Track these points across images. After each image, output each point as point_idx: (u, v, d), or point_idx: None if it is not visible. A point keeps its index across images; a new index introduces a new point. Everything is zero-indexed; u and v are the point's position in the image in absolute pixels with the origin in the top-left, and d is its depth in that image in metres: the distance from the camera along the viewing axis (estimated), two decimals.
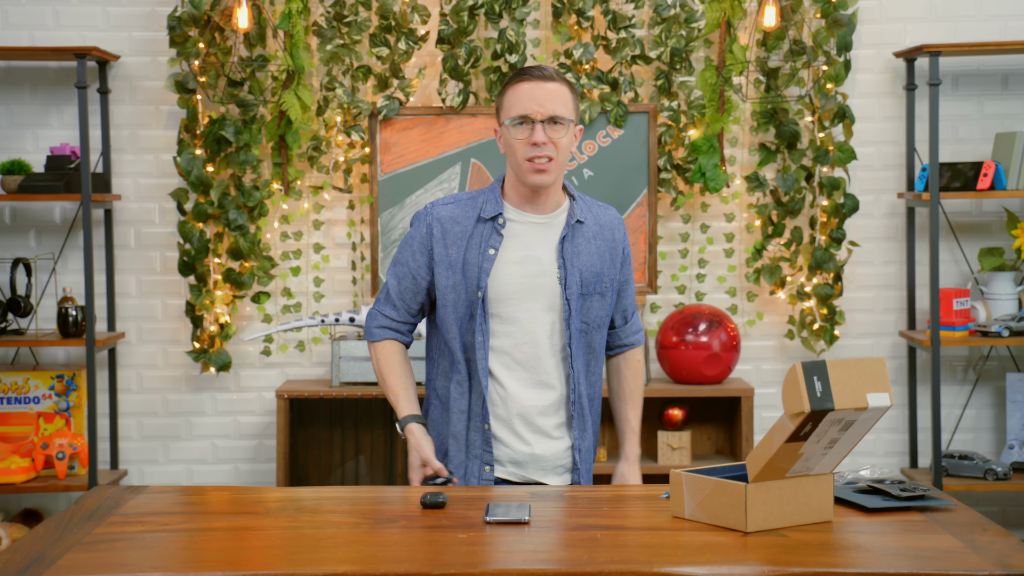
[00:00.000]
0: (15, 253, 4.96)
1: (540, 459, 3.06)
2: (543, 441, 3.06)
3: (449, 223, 3.07)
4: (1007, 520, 5.11)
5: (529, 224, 3.06)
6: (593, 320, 3.08)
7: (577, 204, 3.10)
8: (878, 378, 2.40)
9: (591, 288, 3.07)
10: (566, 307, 3.03)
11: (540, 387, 3.05)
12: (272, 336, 4.99)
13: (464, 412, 3.06)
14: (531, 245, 3.05)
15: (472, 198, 3.10)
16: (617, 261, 3.15)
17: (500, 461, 3.06)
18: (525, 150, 2.98)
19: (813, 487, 2.46)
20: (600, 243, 3.11)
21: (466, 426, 3.06)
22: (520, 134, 2.99)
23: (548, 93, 2.98)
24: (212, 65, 4.81)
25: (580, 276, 3.05)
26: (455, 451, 3.06)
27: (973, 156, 4.98)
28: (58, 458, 4.64)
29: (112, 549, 2.33)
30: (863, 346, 5.05)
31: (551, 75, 3.01)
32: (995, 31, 4.97)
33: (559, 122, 2.98)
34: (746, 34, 4.87)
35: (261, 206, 4.87)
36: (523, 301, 3.03)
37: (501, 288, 3.02)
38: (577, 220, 3.07)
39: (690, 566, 2.19)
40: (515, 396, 3.04)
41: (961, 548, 2.29)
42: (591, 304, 3.07)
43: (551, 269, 3.04)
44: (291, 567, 2.21)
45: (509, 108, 3.01)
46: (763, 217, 4.92)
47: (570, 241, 3.06)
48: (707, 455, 4.95)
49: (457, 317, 3.04)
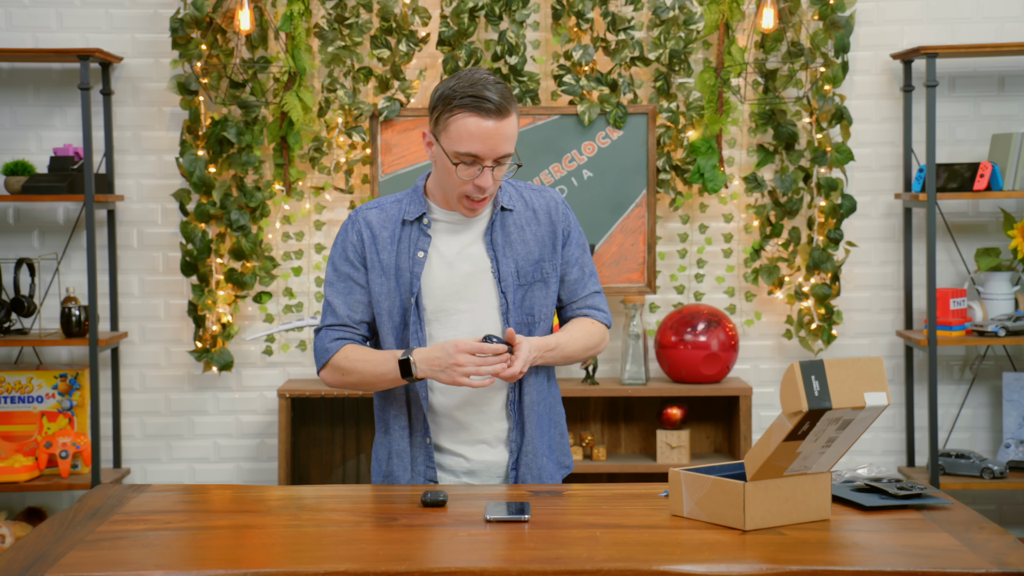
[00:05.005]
0: (19, 253, 4.98)
1: (493, 466, 2.96)
2: (489, 449, 2.95)
3: (378, 228, 2.93)
4: (1003, 518, 5.13)
5: (456, 221, 2.92)
6: (537, 311, 2.94)
7: (503, 193, 2.94)
8: (875, 377, 2.40)
9: (529, 277, 2.92)
10: (503, 301, 2.90)
11: (483, 391, 2.91)
12: (274, 336, 5.00)
13: (405, 428, 2.94)
14: (461, 242, 2.92)
15: (396, 201, 2.96)
16: (558, 244, 2.96)
17: (455, 472, 2.95)
18: (465, 188, 2.81)
19: (811, 486, 2.47)
20: (536, 228, 2.95)
21: (408, 442, 2.94)
22: (465, 173, 2.80)
23: (502, 133, 2.77)
24: (214, 67, 4.83)
25: (516, 266, 2.91)
26: (400, 470, 2.94)
27: (970, 157, 5.00)
28: (61, 457, 4.66)
29: (115, 547, 2.34)
30: (860, 346, 5.07)
31: (502, 106, 2.76)
32: (992, 33, 4.98)
33: (505, 161, 2.81)
34: (744, 36, 4.88)
35: (263, 207, 4.89)
36: (460, 301, 2.90)
37: (435, 290, 2.90)
38: (502, 207, 2.93)
39: (689, 564, 2.20)
40: (458, 403, 2.92)
41: (958, 546, 2.30)
42: (533, 294, 2.93)
43: (483, 264, 2.91)
44: (293, 565, 2.21)
45: (456, 140, 2.77)
46: (761, 218, 4.94)
47: (499, 231, 2.92)
48: (706, 454, 4.97)
49: (393, 326, 2.91)
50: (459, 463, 2.95)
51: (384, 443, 2.99)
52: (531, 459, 2.96)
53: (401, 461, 2.95)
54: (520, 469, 2.95)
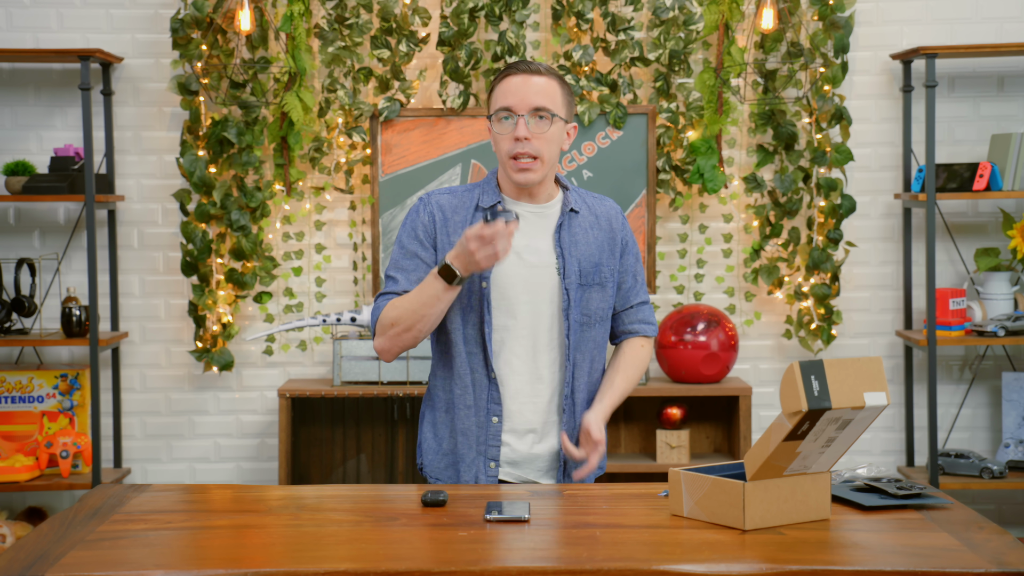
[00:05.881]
0: (19, 253, 4.98)
1: (536, 458, 2.99)
2: (538, 439, 2.99)
3: (450, 211, 2.98)
4: (1003, 518, 5.13)
5: (526, 215, 2.97)
6: (594, 312, 2.99)
7: (571, 194, 3.02)
8: (875, 377, 2.40)
9: (590, 279, 2.98)
10: (565, 298, 2.95)
11: (536, 382, 2.97)
12: (274, 336, 5.01)
13: (471, 407, 2.97)
14: (528, 235, 2.96)
15: (468, 190, 3.02)
16: (616, 251, 3.04)
17: (509, 461, 2.99)
18: (509, 146, 2.91)
19: (810, 485, 2.47)
20: (597, 232, 3.01)
21: (475, 422, 2.97)
22: (503, 128, 2.91)
23: (534, 86, 2.90)
24: (215, 67, 4.83)
25: (579, 266, 2.96)
26: (465, 448, 2.98)
27: (969, 157, 5.00)
28: (62, 457, 4.66)
29: (115, 547, 2.34)
30: (860, 346, 5.07)
31: (539, 69, 2.93)
32: (991, 33, 4.99)
33: (544, 116, 2.90)
34: (744, 36, 4.89)
35: (263, 207, 4.89)
36: (523, 292, 2.94)
37: (502, 279, 2.94)
38: (571, 209, 2.99)
39: (689, 564, 2.20)
40: (512, 392, 2.96)
41: (957, 546, 2.30)
42: (590, 296, 2.98)
43: (549, 260, 2.96)
44: (293, 565, 2.21)
45: (495, 101, 2.94)
46: (761, 218, 4.95)
47: (566, 230, 2.98)
48: (705, 454, 4.97)
49: (460, 308, 2.94)
50: (504, 452, 2.98)
51: (448, 418, 3.01)
52: None
53: (466, 439, 2.98)
54: (570, 464, 3.00)
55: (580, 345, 2.99)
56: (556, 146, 2.94)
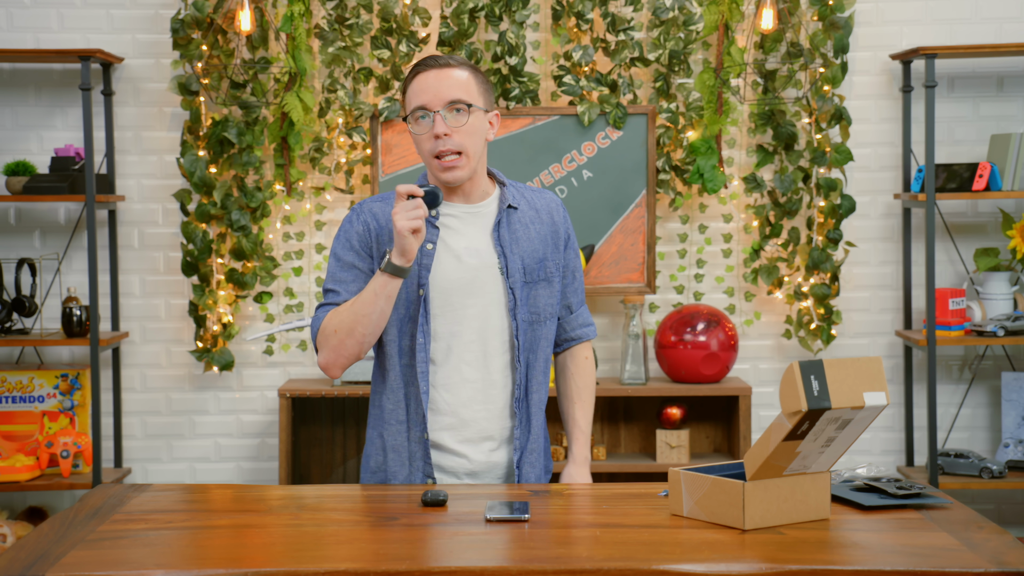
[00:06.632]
0: (20, 253, 4.98)
1: (495, 467, 2.93)
2: (495, 446, 2.92)
3: (384, 219, 2.88)
4: (1002, 518, 5.13)
5: (461, 215, 2.90)
6: (543, 309, 2.92)
7: (508, 190, 2.94)
8: (874, 377, 2.40)
9: (535, 275, 2.91)
10: (511, 297, 2.87)
11: (490, 388, 2.89)
12: (274, 335, 5.01)
13: (403, 423, 2.89)
14: (466, 236, 2.88)
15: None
16: (560, 244, 2.97)
17: (455, 474, 2.91)
18: (430, 145, 2.81)
19: (810, 485, 2.47)
20: (539, 227, 2.94)
21: (406, 437, 2.89)
22: (421, 128, 2.81)
23: (446, 80, 2.80)
24: (215, 67, 4.83)
25: (522, 263, 2.89)
26: (396, 465, 2.91)
27: (969, 157, 5.00)
28: (62, 456, 4.67)
29: (116, 546, 2.34)
30: (860, 345, 5.07)
31: (448, 62, 2.83)
32: (991, 34, 4.99)
33: (460, 108, 2.80)
34: (744, 36, 4.89)
35: (263, 207, 4.90)
36: (467, 296, 2.86)
37: (443, 283, 2.85)
38: (509, 206, 2.92)
39: (688, 563, 2.20)
40: (465, 401, 2.88)
41: (957, 546, 2.30)
42: (537, 293, 2.91)
43: (490, 260, 2.88)
44: (293, 564, 2.22)
45: (409, 102, 2.83)
46: (761, 218, 4.95)
47: (505, 227, 2.90)
48: (705, 453, 4.98)
49: (397, 319, 2.86)
50: (461, 464, 2.92)
51: (376, 439, 2.95)
52: (535, 457, 2.95)
53: (398, 456, 2.91)
54: (523, 468, 2.94)
55: (531, 345, 2.92)
56: (479, 138, 2.85)
